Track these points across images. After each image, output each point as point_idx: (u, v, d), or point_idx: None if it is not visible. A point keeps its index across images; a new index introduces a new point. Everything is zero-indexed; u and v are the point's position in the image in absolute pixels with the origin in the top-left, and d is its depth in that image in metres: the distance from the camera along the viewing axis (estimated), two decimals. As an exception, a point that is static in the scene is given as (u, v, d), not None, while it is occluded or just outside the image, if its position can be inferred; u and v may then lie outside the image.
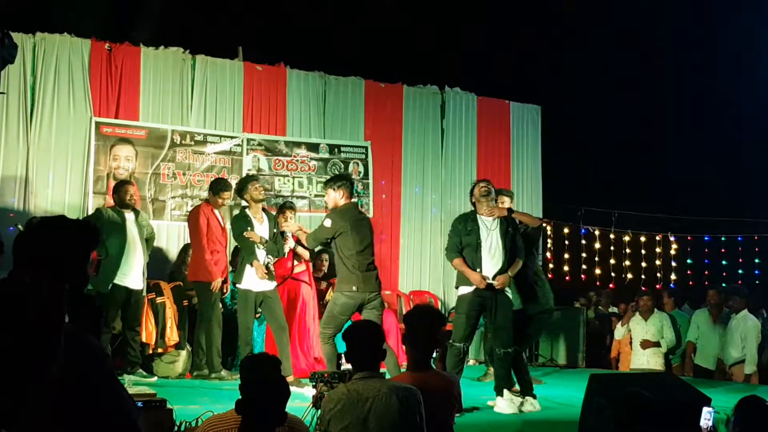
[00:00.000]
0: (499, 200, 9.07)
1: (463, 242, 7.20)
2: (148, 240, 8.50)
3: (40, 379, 1.59)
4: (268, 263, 8.13)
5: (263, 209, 8.40)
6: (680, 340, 10.58)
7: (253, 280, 8.06)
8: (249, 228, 8.11)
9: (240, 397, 3.46)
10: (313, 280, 9.22)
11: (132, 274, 8.12)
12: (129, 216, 8.26)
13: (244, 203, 8.41)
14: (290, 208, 9.09)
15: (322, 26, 12.82)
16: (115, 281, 7.97)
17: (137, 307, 8.24)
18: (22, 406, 1.59)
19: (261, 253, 8.09)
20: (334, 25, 12.87)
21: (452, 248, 7.27)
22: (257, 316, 8.42)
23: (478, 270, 7.04)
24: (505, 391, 7.02)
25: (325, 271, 9.87)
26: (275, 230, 8.33)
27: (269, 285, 8.14)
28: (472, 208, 7.41)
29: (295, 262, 8.90)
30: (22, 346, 1.55)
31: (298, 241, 8.75)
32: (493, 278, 7.06)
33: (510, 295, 7.29)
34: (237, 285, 8.20)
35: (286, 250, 8.65)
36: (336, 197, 7.31)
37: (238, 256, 8.73)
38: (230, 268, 8.88)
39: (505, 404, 6.93)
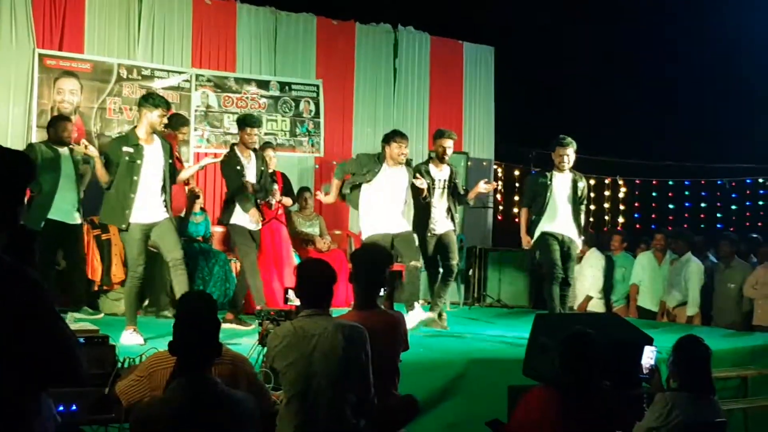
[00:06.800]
0: (442, 142, 8.83)
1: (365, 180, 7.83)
2: (82, 175, 8.29)
3: None
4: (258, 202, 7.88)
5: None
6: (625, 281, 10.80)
7: (242, 218, 7.75)
8: (238, 168, 7.76)
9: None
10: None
11: (66, 210, 7.91)
12: (63, 151, 8.03)
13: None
14: (271, 147, 9.10)
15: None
16: (49, 216, 7.76)
17: (76, 242, 8.10)
18: None
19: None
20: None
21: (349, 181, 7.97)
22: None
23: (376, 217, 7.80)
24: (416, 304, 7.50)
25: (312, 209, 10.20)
26: (262, 168, 8.07)
27: (253, 225, 7.82)
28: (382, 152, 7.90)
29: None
30: None
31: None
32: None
33: None
34: (225, 224, 7.93)
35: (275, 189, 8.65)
36: None
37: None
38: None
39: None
